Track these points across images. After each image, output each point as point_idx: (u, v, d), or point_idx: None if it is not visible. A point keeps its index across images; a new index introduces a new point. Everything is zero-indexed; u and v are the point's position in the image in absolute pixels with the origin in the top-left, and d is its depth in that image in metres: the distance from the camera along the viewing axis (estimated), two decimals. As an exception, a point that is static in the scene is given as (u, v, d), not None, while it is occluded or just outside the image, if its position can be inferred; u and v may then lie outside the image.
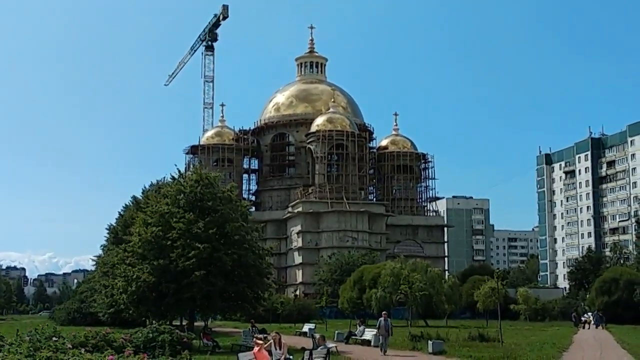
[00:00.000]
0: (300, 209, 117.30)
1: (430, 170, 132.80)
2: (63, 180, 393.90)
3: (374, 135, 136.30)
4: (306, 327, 49.29)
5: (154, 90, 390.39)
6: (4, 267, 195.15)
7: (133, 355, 9.23)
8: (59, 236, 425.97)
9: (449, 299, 71.10)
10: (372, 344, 37.46)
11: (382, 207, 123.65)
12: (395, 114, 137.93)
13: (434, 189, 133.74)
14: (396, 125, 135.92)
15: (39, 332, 14.74)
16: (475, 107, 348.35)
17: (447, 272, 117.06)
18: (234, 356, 23.03)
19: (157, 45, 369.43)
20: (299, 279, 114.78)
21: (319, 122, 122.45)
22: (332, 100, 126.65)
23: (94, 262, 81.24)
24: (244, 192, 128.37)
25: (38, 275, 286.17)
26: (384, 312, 35.80)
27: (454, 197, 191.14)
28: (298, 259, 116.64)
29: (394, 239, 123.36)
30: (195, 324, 46.40)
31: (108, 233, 70.43)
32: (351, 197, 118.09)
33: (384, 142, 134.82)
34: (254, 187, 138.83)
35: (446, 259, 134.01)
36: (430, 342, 33.80)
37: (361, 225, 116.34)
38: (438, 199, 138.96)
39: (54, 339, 13.92)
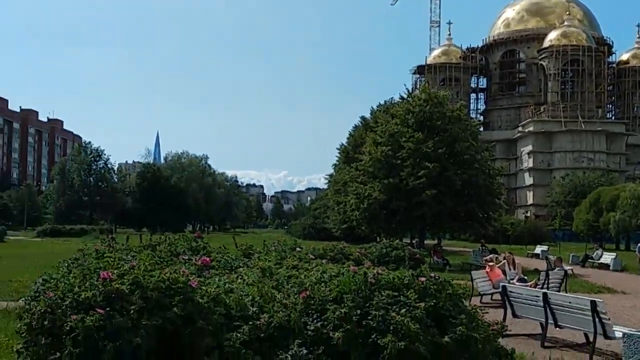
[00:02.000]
0: (531, 129, 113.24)
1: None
2: (296, 103, 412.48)
3: (613, 50, 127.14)
4: (538, 249, 48.04)
5: (381, 10, 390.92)
6: (244, 184, 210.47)
7: (372, 267, 9.38)
8: (293, 156, 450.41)
9: (702, 223, 65.24)
10: (610, 267, 35.65)
11: (622, 126, 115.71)
12: (638, 25, 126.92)
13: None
14: (639, 37, 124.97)
15: (282, 244, 15.64)
16: None
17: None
18: (465, 274, 22.96)
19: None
20: (530, 201, 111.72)
21: (552, 36, 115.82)
22: (567, 12, 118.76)
23: (327, 181, 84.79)
24: (471, 111, 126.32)
25: (275, 193, 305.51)
26: None
27: None
28: (529, 180, 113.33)
29: (635, 160, 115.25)
30: (425, 242, 46.90)
31: (339, 153, 72.80)
32: (587, 115, 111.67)
33: (624, 57, 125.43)
34: (482, 107, 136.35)
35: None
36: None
37: (598, 145, 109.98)
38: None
39: (297, 249, 14.72)
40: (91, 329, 7.17)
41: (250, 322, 7.86)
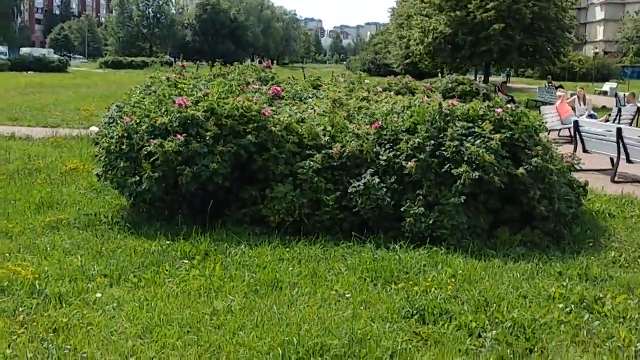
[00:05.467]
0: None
1: None
2: None
3: None
4: (607, 87, 46.68)
5: None
6: (302, 18, 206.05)
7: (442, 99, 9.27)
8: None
9: None
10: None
11: None
12: None
13: None
14: None
15: (348, 77, 15.54)
16: None
17: None
18: (531, 111, 22.47)
19: None
20: (599, 37, 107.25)
21: None
22: None
23: (389, 15, 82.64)
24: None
25: (334, 27, 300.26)
26: None
27: None
28: (600, 15, 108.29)
29: None
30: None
31: (403, -16, 70.32)
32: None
33: None
34: None
35: None
36: None
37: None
38: None
39: (366, 81, 14.62)
40: (170, 154, 7.32)
41: (323, 151, 7.90)
